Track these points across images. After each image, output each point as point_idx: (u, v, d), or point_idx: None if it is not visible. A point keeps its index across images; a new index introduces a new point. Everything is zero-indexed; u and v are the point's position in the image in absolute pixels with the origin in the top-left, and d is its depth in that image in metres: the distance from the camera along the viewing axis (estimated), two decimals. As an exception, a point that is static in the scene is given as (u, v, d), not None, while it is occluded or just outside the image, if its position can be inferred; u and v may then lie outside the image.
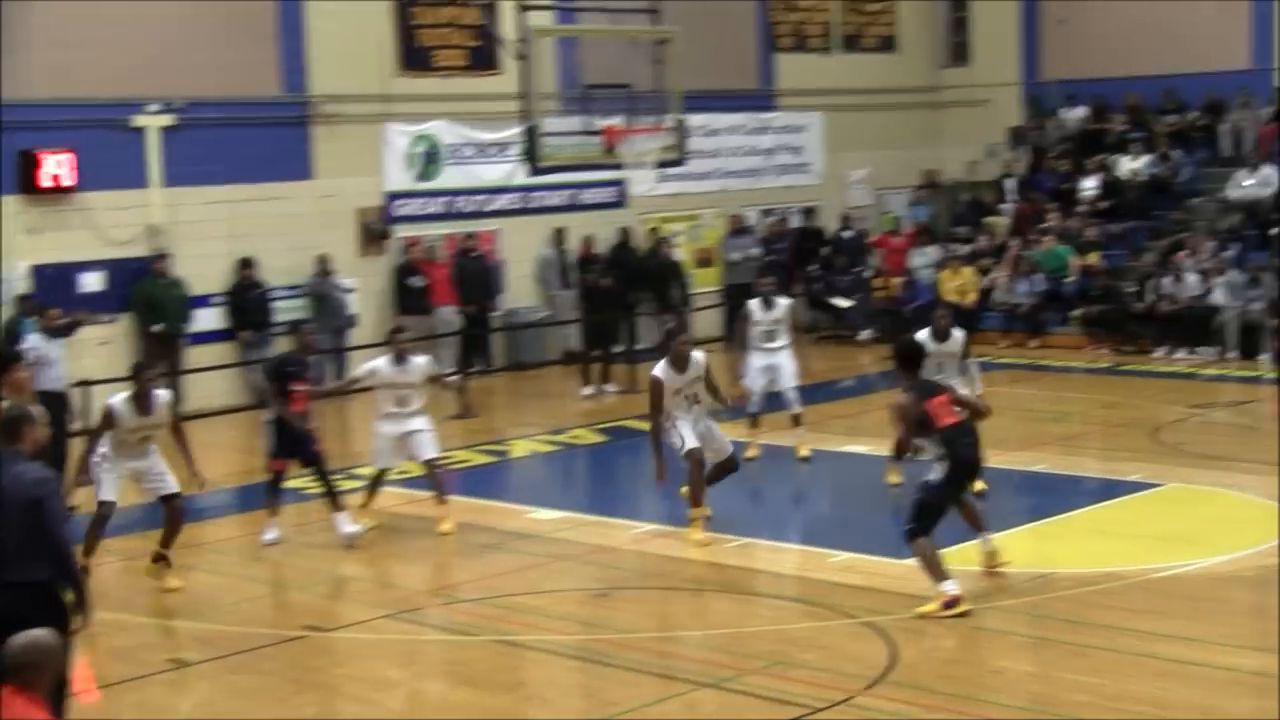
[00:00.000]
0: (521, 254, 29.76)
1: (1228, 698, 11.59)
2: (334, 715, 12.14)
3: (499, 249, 29.50)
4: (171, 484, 15.39)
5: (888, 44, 35.92)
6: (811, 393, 21.77)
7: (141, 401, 15.15)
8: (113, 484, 15.17)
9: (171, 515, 15.45)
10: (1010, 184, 33.62)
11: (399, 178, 28.27)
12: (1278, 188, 29.45)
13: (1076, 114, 34.35)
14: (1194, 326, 27.57)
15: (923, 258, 31.71)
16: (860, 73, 35.11)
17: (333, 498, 16.90)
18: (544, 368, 29.33)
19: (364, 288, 27.58)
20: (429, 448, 17.65)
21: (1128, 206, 31.49)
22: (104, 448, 15.19)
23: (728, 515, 17.56)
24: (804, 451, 20.27)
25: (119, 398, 15.22)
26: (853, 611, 13.84)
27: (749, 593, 14.87)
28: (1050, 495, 17.83)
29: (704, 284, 31.60)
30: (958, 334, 18.10)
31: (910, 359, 14.87)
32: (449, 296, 28.01)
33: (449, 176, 28.90)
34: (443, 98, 28.58)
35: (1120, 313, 28.63)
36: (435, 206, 28.79)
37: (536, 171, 23.00)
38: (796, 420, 20.49)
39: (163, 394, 15.46)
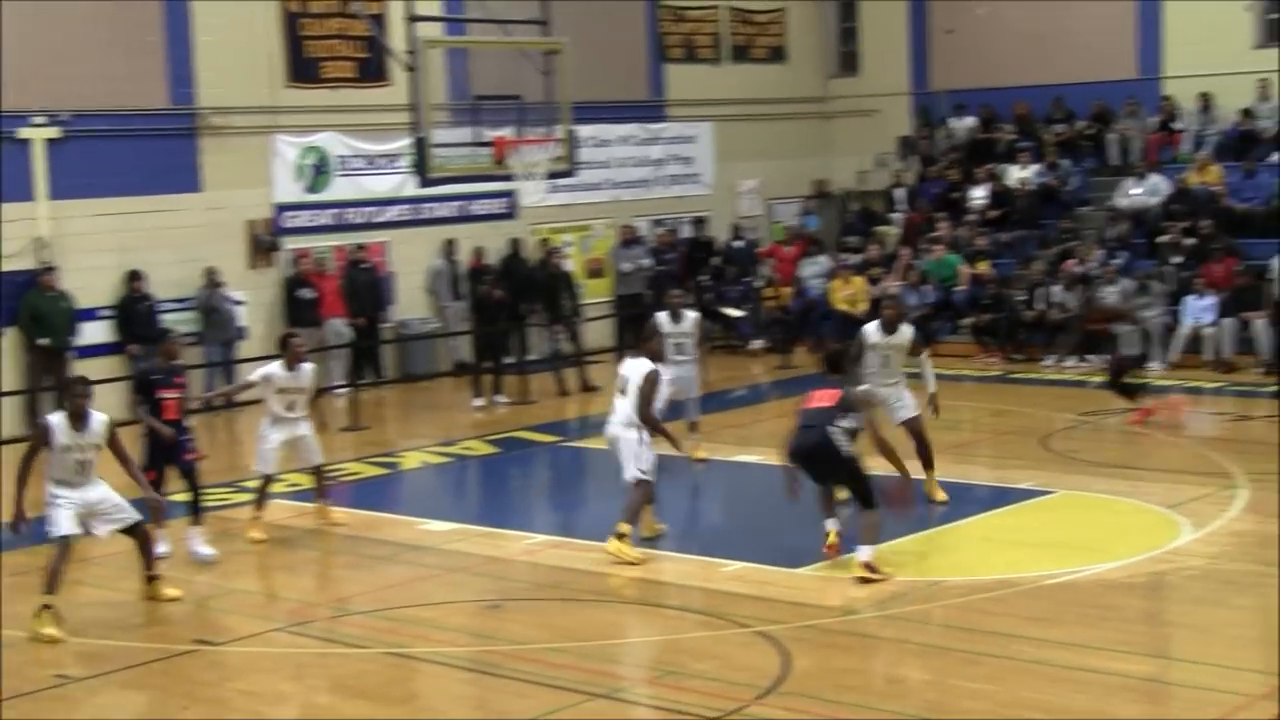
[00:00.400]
0: (412, 265, 29.62)
1: (1119, 703, 11.65)
2: (223, 731, 12.00)
3: (389, 260, 29.34)
4: (130, 513, 14.92)
5: (777, 54, 36.03)
6: (703, 402, 21.75)
7: (77, 419, 14.52)
8: (70, 517, 14.46)
9: (142, 541, 15.12)
10: (900, 193, 33.79)
11: (288, 189, 28.05)
12: (1165, 196, 29.71)
13: (965, 123, 34.56)
14: (1085, 335, 27.75)
15: (813, 267, 31.79)
16: (750, 83, 35.19)
17: (195, 512, 16.70)
18: (435, 379, 29.20)
19: (253, 300, 27.35)
20: (317, 453, 17.83)
21: (1017, 215, 31.70)
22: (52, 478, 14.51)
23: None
24: (700, 453, 20.27)
25: (55, 415, 14.71)
26: (745, 621, 13.83)
27: (642, 603, 14.82)
28: (954, 502, 17.88)
29: (595, 295, 31.58)
30: (906, 329, 18.08)
31: (834, 364, 16.11)
32: (339, 308, 27.84)
33: (338, 188, 28.71)
34: (332, 109, 28.41)
35: (1010, 321, 28.82)
36: (325, 218, 28.59)
37: (426, 183, 22.84)
38: (694, 427, 20.55)
39: (99, 414, 14.78)
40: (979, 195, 32.40)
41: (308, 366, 17.95)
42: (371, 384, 28.16)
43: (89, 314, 25.57)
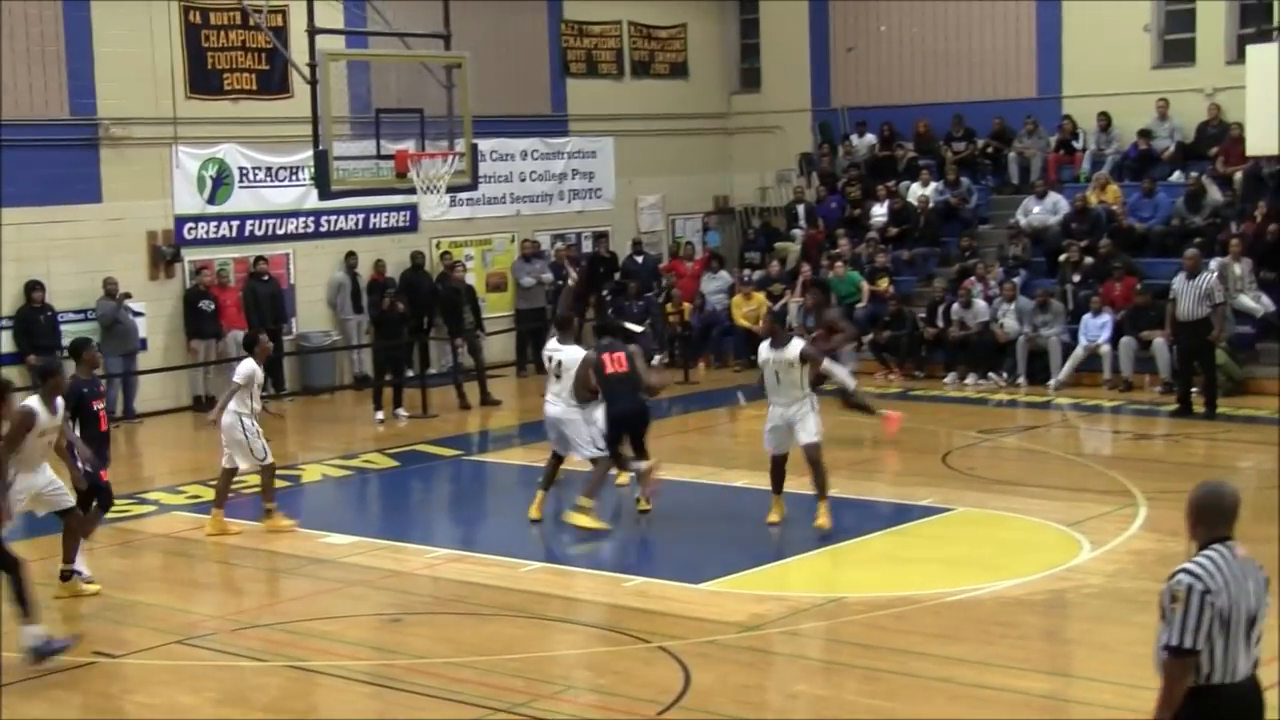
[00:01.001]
0: (313, 278, 29.50)
1: None
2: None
3: (290, 273, 29.20)
4: (69, 497, 15.05)
5: (679, 70, 36.11)
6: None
7: (50, 401, 14.80)
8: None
9: (71, 526, 15.28)
10: (801, 210, 33.90)
11: (189, 201, 27.85)
12: (1064, 215, 29.96)
13: (866, 141, 34.72)
14: (983, 352, 27.96)
15: (714, 283, 31.87)
16: (652, 98, 35.26)
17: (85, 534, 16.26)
18: (336, 392, 29.08)
19: (153, 312, 27.14)
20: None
21: (917, 233, 31.86)
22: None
23: (521, 541, 17.50)
24: (622, 478, 20.27)
25: (32, 399, 14.80)
26: (646, 636, 13.82)
27: (542, 618, 14.78)
28: (842, 520, 17.91)
29: (496, 309, 31.53)
30: (795, 344, 17.68)
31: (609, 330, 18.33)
32: (239, 320, 27.67)
33: (239, 200, 28.54)
34: (233, 121, 28.27)
35: (911, 338, 28.97)
36: (226, 230, 28.41)
37: (327, 195, 22.74)
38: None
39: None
40: (879, 212, 32.56)
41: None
42: (272, 396, 27.96)
43: (-13, 324, 25.36)
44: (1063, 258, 28.96)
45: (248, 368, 18.41)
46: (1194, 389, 24.23)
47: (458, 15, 23.09)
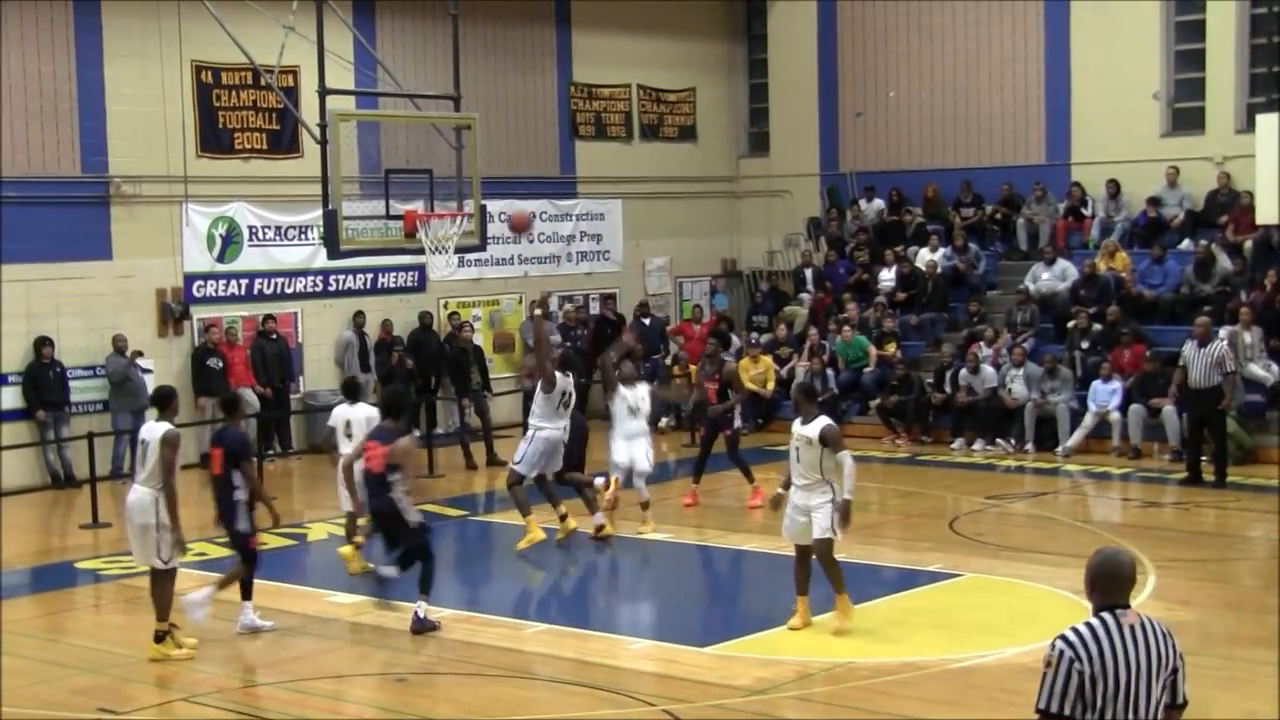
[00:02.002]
0: (321, 336, 29.54)
1: (1025, 786, 11.64)
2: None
3: (298, 331, 29.23)
4: None
5: (687, 134, 36.21)
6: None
7: None
8: None
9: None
10: (808, 274, 33.92)
11: (198, 259, 27.93)
12: (1073, 281, 29.97)
13: (874, 206, 34.77)
14: (991, 418, 27.92)
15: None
16: (660, 161, 35.36)
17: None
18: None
19: (161, 369, 27.11)
20: None
21: (925, 298, 31.88)
22: None
23: (526, 602, 17.45)
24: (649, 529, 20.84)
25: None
26: (651, 700, 13.77)
27: (549, 679, 14.72)
28: (849, 584, 17.80)
29: (503, 370, 31.54)
30: (819, 420, 16.50)
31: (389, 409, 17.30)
32: (247, 378, 27.70)
33: (248, 258, 28.61)
34: (243, 179, 28.36)
35: (918, 403, 28.95)
36: (234, 288, 28.47)
37: (336, 255, 22.77)
38: (645, 505, 21.19)
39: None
40: (887, 277, 32.58)
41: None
42: (279, 455, 27.99)
43: (-2, 380, 25.41)
44: (1071, 324, 28.97)
45: (338, 411, 19.45)
46: (1204, 457, 24.18)
47: (467, 77, 23.20)
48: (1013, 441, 27.68)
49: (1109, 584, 7.97)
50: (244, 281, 28.58)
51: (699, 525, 21.53)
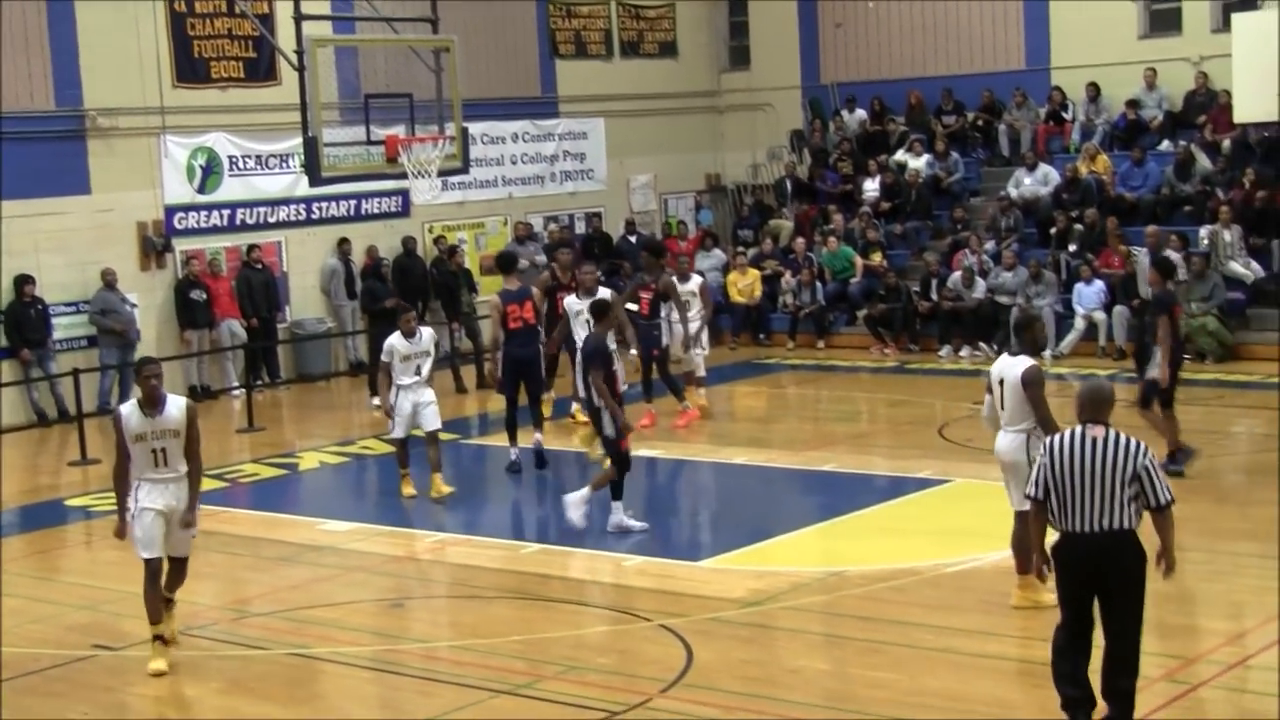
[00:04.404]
0: (306, 265, 29.47)
1: (1020, 689, 11.75)
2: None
3: (282, 260, 29.17)
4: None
5: (668, 49, 36.05)
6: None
7: (150, 404, 13.03)
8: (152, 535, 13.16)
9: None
10: (792, 186, 33.89)
11: (178, 191, 27.80)
12: (1055, 186, 29.99)
13: (856, 116, 34.70)
14: (977, 323, 27.97)
15: (709, 260, 31.88)
16: (641, 78, 35.21)
17: None
18: (331, 379, 29.06)
19: (145, 302, 27.08)
20: (434, 419, 18.95)
21: (909, 207, 31.87)
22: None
23: (521, 523, 17.52)
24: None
25: (125, 404, 13.30)
26: (647, 615, 13.84)
27: (544, 599, 14.78)
28: (840, 494, 17.94)
29: (490, 292, 31.46)
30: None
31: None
32: (232, 310, 27.66)
33: (229, 189, 28.48)
34: (221, 109, 28.20)
35: (905, 312, 28.97)
36: (216, 219, 28.35)
37: (318, 182, 22.70)
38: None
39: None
40: (871, 187, 32.55)
41: (426, 332, 19.05)
42: (267, 385, 27.98)
43: (-22, 319, 25.32)
44: (1054, 229, 29.00)
45: (389, 341, 19.00)
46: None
47: (445, -1, 23.05)
48: (995, 347, 27.74)
49: (1087, 406, 10.64)
50: (226, 212, 28.46)
51: (689, 440, 21.58)
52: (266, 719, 11.92)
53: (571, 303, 20.19)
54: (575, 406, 21.17)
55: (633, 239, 32.78)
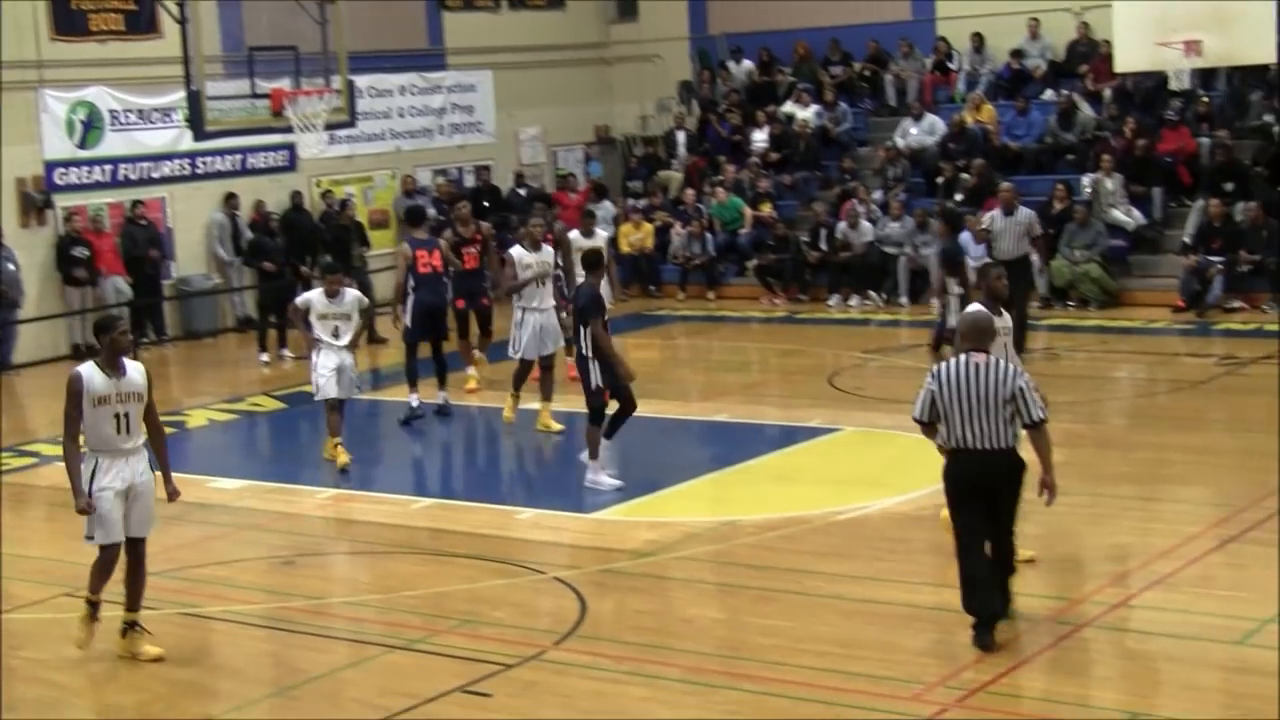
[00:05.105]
0: (191, 221, 29.19)
1: (909, 634, 11.85)
2: (14, 699, 11.72)
3: (167, 216, 28.88)
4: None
5: (555, 1, 35.90)
6: (492, 350, 21.81)
7: (113, 366, 12.42)
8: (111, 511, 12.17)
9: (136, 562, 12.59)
10: (682, 138, 33.91)
11: (58, 146, 27.45)
12: (941, 136, 30.17)
13: (744, 67, 34.74)
14: (866, 273, 28.12)
15: (599, 213, 31.80)
16: (529, 30, 35.05)
17: None
18: (219, 336, 28.84)
19: (26, 260, 26.69)
20: (348, 387, 18.25)
21: (798, 157, 31.97)
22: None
23: (412, 478, 17.48)
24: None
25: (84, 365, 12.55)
26: (541, 567, 13.86)
27: (437, 553, 14.75)
28: (731, 444, 18.01)
29: (379, 246, 31.35)
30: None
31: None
32: (116, 266, 27.37)
33: (111, 143, 28.16)
34: (101, 63, 27.82)
35: (794, 262, 29.07)
36: (98, 175, 28.04)
37: (202, 136, 22.53)
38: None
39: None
40: (760, 138, 32.61)
41: (350, 294, 18.24)
42: (153, 343, 27.73)
43: None
44: (941, 178, 29.19)
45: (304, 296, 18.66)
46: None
47: (329, -50, 22.84)
48: (884, 296, 27.95)
49: (970, 335, 11.49)
50: (108, 168, 28.13)
51: (578, 393, 21.53)
52: (157, 679, 11.84)
53: (520, 254, 19.46)
54: (471, 370, 21.09)
55: (522, 192, 32.68)
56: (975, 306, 12.44)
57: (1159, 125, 28.34)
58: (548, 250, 19.57)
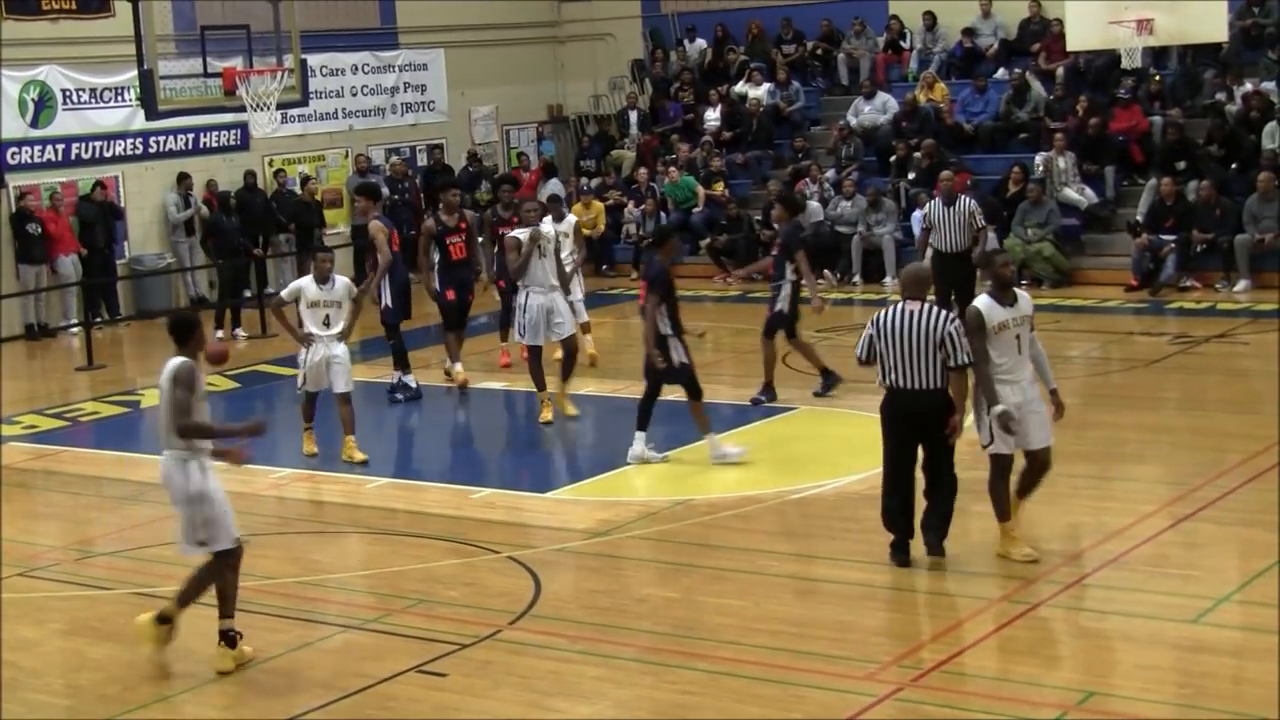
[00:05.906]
0: (144, 200, 29.10)
1: (863, 612, 11.92)
2: (-33, 680, 11.69)
3: (120, 195, 28.78)
4: None
5: (508, -21, 35.88)
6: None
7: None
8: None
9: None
10: (634, 117, 33.92)
11: (11, 125, 27.33)
12: (894, 114, 30.24)
13: (697, 46, 34.74)
14: (818, 251, 28.12)
15: (549, 192, 31.80)
16: (482, 9, 34.95)
17: None
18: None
19: (-22, 241, 26.65)
20: (343, 380, 17.44)
21: (751, 137, 32.00)
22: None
23: (367, 456, 17.50)
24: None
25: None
26: (495, 547, 13.89)
27: (391, 533, 14.78)
28: (686, 423, 17.95)
29: (332, 225, 31.30)
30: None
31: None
32: (70, 245, 27.27)
33: (64, 123, 28.07)
34: (53, 42, 27.72)
35: (747, 241, 29.11)
36: (51, 154, 27.93)
37: (155, 115, 22.45)
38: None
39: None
40: (712, 117, 32.63)
41: (341, 280, 17.53)
42: (107, 322, 27.65)
43: None
44: (894, 157, 29.27)
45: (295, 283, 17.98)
46: None
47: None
48: (838, 275, 28.01)
49: (909, 284, 12.73)
50: (60, 147, 28.02)
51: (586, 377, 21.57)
52: (110, 659, 11.83)
53: (522, 236, 19.15)
54: (457, 367, 20.90)
55: (474, 170, 32.65)
56: (978, 300, 12.81)
57: (1111, 104, 28.47)
58: (549, 223, 19.44)
